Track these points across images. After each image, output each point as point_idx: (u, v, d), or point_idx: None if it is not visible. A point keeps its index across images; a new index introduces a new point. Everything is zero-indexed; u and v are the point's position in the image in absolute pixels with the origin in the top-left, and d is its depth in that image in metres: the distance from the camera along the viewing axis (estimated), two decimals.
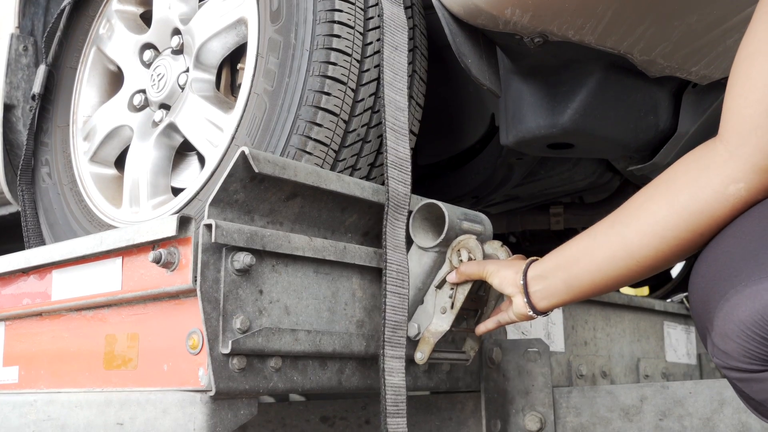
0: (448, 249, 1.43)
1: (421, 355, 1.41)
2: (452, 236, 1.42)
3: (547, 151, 1.82)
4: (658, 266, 1.10)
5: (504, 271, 1.33)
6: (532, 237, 2.85)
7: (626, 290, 3.46)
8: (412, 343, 1.44)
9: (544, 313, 1.29)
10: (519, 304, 1.29)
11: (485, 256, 1.40)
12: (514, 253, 1.44)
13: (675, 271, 3.60)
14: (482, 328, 1.44)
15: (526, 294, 1.27)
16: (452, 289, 1.42)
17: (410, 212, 1.45)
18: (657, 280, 3.59)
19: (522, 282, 1.28)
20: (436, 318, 1.43)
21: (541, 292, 1.26)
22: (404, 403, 1.33)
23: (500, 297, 1.47)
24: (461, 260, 1.40)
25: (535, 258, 1.31)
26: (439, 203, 1.42)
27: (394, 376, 1.33)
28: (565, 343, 1.96)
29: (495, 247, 1.44)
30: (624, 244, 1.09)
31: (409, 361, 1.42)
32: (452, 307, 1.41)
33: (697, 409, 1.46)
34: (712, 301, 0.90)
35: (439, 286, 1.44)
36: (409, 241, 1.45)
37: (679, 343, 2.47)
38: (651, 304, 2.35)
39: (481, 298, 1.49)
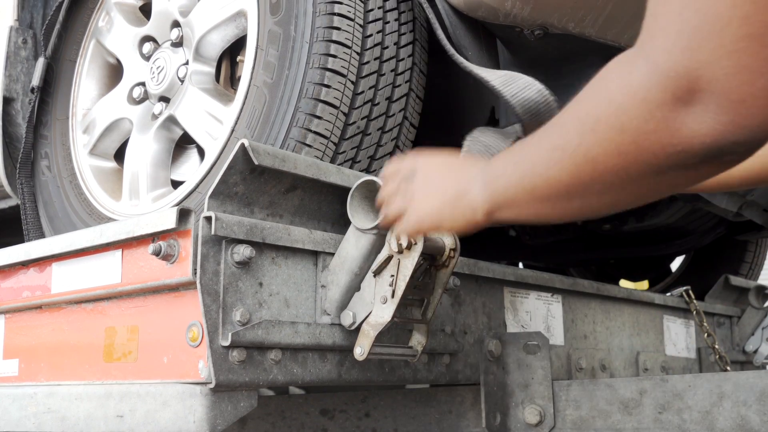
0: (388, 231, 1.30)
1: (360, 351, 1.30)
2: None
3: None
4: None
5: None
6: (532, 231, 2.84)
7: (626, 284, 3.47)
8: (351, 335, 1.37)
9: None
10: None
11: (428, 240, 1.30)
12: (514, 248, 1.43)
13: (674, 266, 3.61)
14: None
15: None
16: (392, 276, 1.30)
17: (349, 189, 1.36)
18: (657, 274, 3.60)
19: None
20: (377, 308, 1.31)
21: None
22: None
23: (446, 284, 1.38)
24: (401, 244, 1.28)
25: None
26: (379, 180, 1.28)
27: None
28: (564, 336, 1.96)
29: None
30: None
31: (349, 352, 1.36)
32: (393, 295, 1.29)
33: (697, 403, 1.46)
34: None
35: (378, 273, 1.32)
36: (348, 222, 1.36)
37: (678, 336, 2.47)
38: (650, 297, 2.35)
39: (426, 285, 1.37)
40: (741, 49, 0.64)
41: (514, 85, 1.41)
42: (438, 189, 1.11)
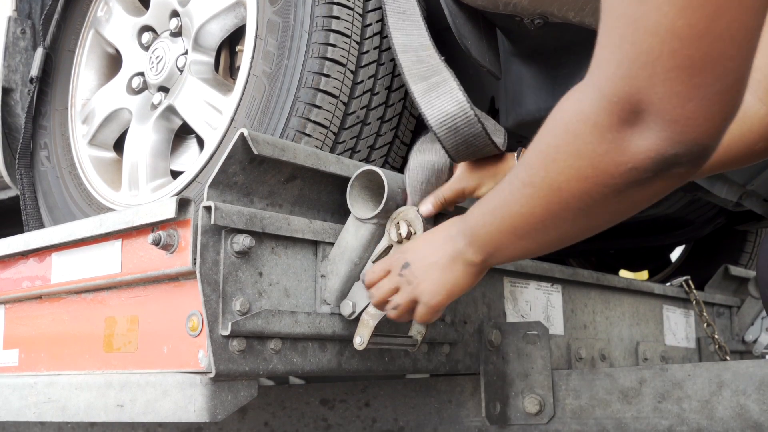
0: (388, 221, 1.32)
1: (360, 340, 1.32)
2: (392, 207, 1.31)
3: None
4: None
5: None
6: None
7: (626, 274, 3.47)
8: (351, 324, 1.38)
9: None
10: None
11: (426, 230, 1.30)
12: None
13: (674, 256, 3.61)
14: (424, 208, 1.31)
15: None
16: None
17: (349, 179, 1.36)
18: (656, 264, 3.61)
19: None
20: None
21: None
22: None
23: None
24: (400, 233, 1.29)
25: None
26: (379, 170, 1.31)
27: None
28: (564, 326, 1.96)
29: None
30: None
31: (349, 341, 1.37)
32: None
33: (696, 392, 1.46)
34: None
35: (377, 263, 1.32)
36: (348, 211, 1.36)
37: (678, 326, 2.47)
38: (650, 287, 2.35)
39: None
40: (671, 78, 0.72)
41: (434, 93, 1.29)
42: (435, 264, 1.19)
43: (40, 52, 2.14)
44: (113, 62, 2.10)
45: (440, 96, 1.29)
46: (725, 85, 0.73)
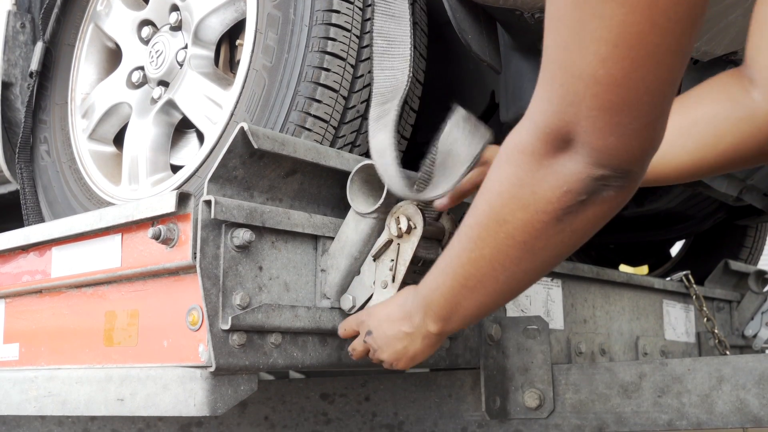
0: (388, 215, 1.32)
1: None
2: (393, 201, 1.31)
3: None
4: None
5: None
6: None
7: (625, 269, 3.47)
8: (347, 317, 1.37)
9: None
10: None
11: (428, 224, 1.31)
12: None
13: (674, 250, 3.61)
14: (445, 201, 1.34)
15: None
16: (392, 260, 1.32)
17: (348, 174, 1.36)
18: (656, 258, 3.61)
19: None
20: (377, 293, 1.33)
21: None
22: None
23: None
24: (400, 228, 1.30)
25: None
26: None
27: None
28: (564, 320, 1.96)
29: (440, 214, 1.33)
30: None
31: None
32: (393, 280, 1.31)
33: (696, 386, 1.47)
34: None
35: (377, 257, 1.33)
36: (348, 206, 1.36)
37: (678, 321, 2.47)
38: (650, 282, 2.36)
39: (425, 270, 1.35)
40: (594, 117, 0.81)
41: (380, 123, 1.34)
42: (393, 338, 1.26)
43: (39, 47, 2.13)
44: (113, 56, 2.10)
45: (379, 130, 1.35)
46: (641, 124, 0.82)
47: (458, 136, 1.29)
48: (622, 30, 0.75)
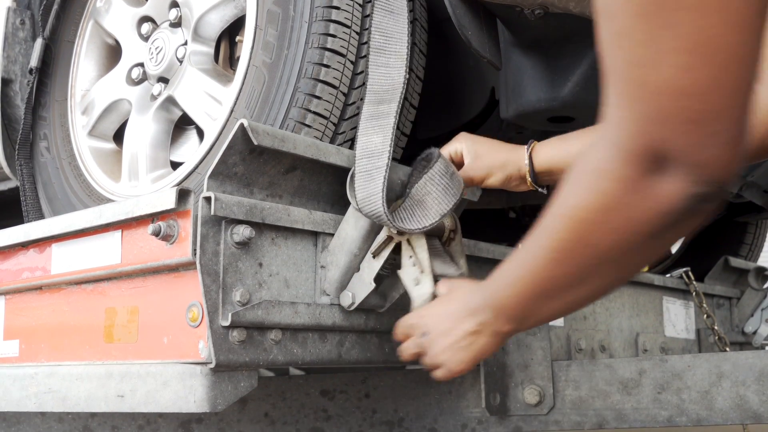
0: None
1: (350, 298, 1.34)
2: (393, 198, 1.32)
3: (547, 125, 1.81)
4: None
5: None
6: (532, 212, 2.84)
7: None
8: (352, 316, 1.38)
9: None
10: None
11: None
12: (514, 230, 1.43)
13: (674, 247, 3.61)
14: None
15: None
16: (411, 257, 1.32)
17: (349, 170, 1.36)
18: None
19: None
20: (415, 292, 1.33)
21: None
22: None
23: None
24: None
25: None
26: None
27: None
28: (564, 317, 1.96)
29: None
30: None
31: (348, 332, 1.39)
32: (422, 271, 1.31)
33: (696, 383, 1.47)
34: None
35: (377, 254, 1.33)
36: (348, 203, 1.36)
37: (678, 318, 2.47)
38: (650, 279, 2.36)
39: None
40: (687, 131, 0.77)
41: (375, 123, 1.35)
42: (456, 340, 1.23)
43: (39, 43, 2.13)
44: (113, 53, 2.10)
45: (375, 133, 1.35)
46: (737, 129, 0.78)
47: (431, 190, 1.32)
48: (698, 36, 0.71)
